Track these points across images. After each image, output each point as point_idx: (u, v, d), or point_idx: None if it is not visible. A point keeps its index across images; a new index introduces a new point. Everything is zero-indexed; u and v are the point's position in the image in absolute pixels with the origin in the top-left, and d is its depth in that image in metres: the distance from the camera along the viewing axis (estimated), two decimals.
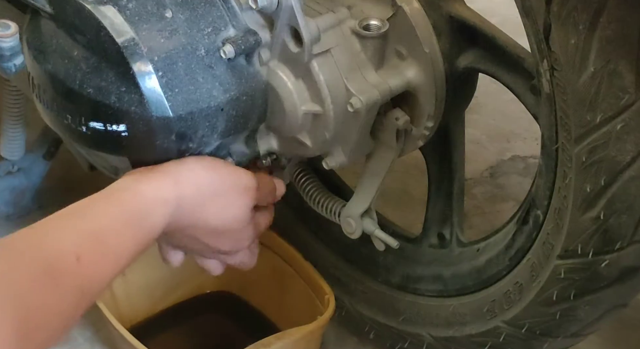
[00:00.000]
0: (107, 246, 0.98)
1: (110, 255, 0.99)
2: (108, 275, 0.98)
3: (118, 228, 1.01)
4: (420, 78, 1.15)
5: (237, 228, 1.13)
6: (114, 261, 0.99)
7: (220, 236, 1.13)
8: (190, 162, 1.10)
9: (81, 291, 0.93)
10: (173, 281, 1.47)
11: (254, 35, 1.12)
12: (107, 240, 0.99)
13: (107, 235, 0.99)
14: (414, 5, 1.13)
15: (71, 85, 1.11)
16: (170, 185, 1.06)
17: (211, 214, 1.10)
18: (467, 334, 1.26)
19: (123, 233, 1.01)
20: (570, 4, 0.94)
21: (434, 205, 1.32)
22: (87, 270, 0.95)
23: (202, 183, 1.09)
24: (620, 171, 0.99)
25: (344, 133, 1.16)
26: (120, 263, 0.99)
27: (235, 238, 1.15)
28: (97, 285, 0.96)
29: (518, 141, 1.84)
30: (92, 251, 0.96)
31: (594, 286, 1.09)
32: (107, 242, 0.99)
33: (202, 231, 1.11)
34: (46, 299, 0.89)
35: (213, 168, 1.11)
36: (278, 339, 1.26)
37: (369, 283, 1.38)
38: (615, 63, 0.94)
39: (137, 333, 1.30)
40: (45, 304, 0.89)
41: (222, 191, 1.10)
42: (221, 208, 1.10)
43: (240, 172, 1.13)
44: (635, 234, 1.03)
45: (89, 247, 0.96)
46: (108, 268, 0.98)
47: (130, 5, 1.09)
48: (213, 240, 1.13)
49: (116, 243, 1.00)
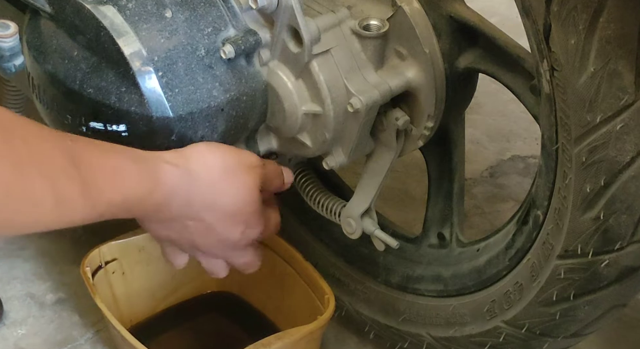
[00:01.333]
0: (106, 153, 0.99)
1: (109, 163, 0.98)
2: (105, 177, 0.97)
3: (121, 154, 1.01)
4: (420, 79, 1.15)
5: (247, 210, 1.13)
6: (112, 171, 0.98)
7: (231, 220, 1.12)
8: (197, 145, 1.11)
9: (74, 162, 0.92)
10: (173, 281, 1.47)
11: (254, 35, 1.12)
12: (108, 152, 0.99)
13: (107, 150, 1.00)
14: (414, 5, 1.13)
15: (71, 85, 1.11)
16: (182, 159, 1.07)
17: (222, 193, 1.10)
18: (467, 334, 1.26)
19: (126, 159, 1.01)
20: (570, 4, 0.94)
21: (434, 205, 1.32)
22: (80, 149, 0.95)
23: (211, 162, 1.09)
24: (620, 171, 0.99)
25: (344, 133, 1.16)
26: (121, 183, 0.99)
27: (245, 223, 1.14)
28: (93, 178, 0.95)
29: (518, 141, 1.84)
30: (87, 145, 0.97)
31: (593, 286, 1.09)
32: (107, 152, 0.99)
33: (216, 215, 1.11)
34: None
35: (219, 148, 1.11)
36: (278, 339, 1.26)
37: (369, 283, 1.38)
38: (615, 63, 0.94)
39: (137, 333, 1.30)
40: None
41: (229, 169, 1.10)
42: (232, 187, 1.10)
43: (244, 151, 1.15)
44: (635, 234, 1.03)
45: (82, 140, 0.97)
46: (105, 172, 0.97)
47: (130, 5, 1.09)
48: (224, 225, 1.12)
49: (117, 160, 1.00)
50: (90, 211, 0.96)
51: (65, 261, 1.55)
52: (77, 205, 0.94)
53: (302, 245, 1.42)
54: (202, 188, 1.08)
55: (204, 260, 1.19)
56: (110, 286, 1.41)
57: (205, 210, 1.10)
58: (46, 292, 1.52)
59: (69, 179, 0.92)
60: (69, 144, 0.94)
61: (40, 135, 0.92)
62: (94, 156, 0.97)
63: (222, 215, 1.11)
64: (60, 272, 1.53)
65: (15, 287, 1.52)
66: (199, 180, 1.07)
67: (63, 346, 1.45)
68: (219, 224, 1.12)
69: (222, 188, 1.10)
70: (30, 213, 0.90)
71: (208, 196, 1.09)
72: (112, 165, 0.99)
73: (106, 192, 0.97)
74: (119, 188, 0.99)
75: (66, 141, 0.95)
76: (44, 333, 1.46)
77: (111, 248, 1.39)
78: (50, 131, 0.96)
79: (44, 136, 0.92)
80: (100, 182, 0.97)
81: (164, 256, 1.21)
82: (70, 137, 0.97)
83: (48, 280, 1.54)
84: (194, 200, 1.08)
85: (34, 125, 0.92)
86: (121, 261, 1.41)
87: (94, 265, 1.38)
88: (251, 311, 1.48)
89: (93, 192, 0.95)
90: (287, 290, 1.42)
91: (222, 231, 1.13)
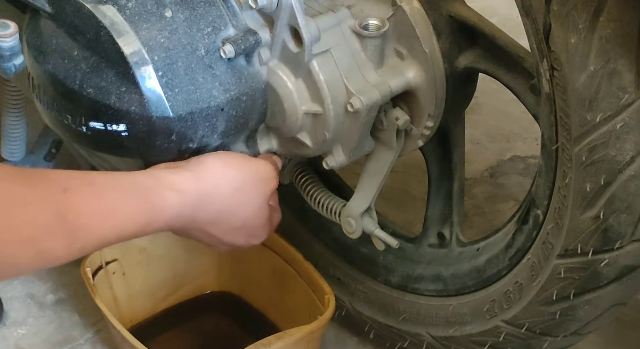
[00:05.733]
0: (102, 194, 0.97)
1: (104, 204, 0.97)
2: (98, 220, 0.96)
3: (120, 189, 1.00)
4: (420, 78, 1.15)
5: (254, 224, 1.13)
6: (107, 212, 0.97)
7: (237, 232, 1.13)
8: (210, 159, 1.10)
9: (62, 218, 0.92)
10: (173, 281, 1.47)
11: (254, 35, 1.12)
12: (104, 192, 0.98)
13: (105, 189, 0.98)
14: (413, 4, 1.13)
15: (71, 85, 1.11)
16: (191, 180, 1.06)
17: (232, 210, 1.10)
18: (467, 333, 1.26)
19: (124, 195, 1.00)
20: (570, 3, 0.94)
21: (434, 204, 1.32)
22: (72, 200, 0.94)
23: (223, 180, 1.09)
24: (620, 170, 0.99)
25: (344, 133, 1.16)
26: (115, 222, 0.98)
27: (251, 235, 1.15)
28: (84, 224, 0.94)
29: (518, 141, 1.84)
30: (82, 189, 0.95)
31: (593, 286, 1.09)
32: (103, 193, 0.98)
33: (221, 229, 1.11)
34: (22, 199, 0.88)
35: (233, 165, 1.11)
36: (278, 339, 1.26)
37: (369, 283, 1.38)
38: (615, 62, 0.94)
39: (137, 334, 1.30)
40: (20, 204, 0.88)
41: (242, 187, 1.10)
42: (242, 204, 1.11)
43: (259, 164, 1.13)
44: (634, 233, 1.03)
45: (79, 186, 0.96)
46: (98, 215, 0.96)
47: (130, 5, 1.09)
48: (229, 236, 1.13)
49: (114, 199, 0.98)
50: (79, 252, 0.96)
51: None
52: (61, 254, 0.94)
53: (302, 245, 1.42)
54: (209, 207, 1.08)
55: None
56: (110, 286, 1.41)
57: (208, 225, 1.10)
58: (46, 292, 1.52)
59: (53, 237, 0.92)
60: (60, 197, 0.93)
61: (25, 197, 0.91)
62: (87, 202, 0.96)
63: (226, 228, 1.12)
64: (61, 272, 1.53)
65: (16, 287, 1.52)
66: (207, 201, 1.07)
67: (63, 346, 1.45)
68: (223, 235, 1.13)
69: (231, 207, 1.10)
70: (8, 271, 0.92)
71: (214, 214, 1.09)
72: (106, 206, 0.98)
73: (97, 234, 0.97)
74: (112, 228, 0.98)
75: (58, 193, 0.93)
76: (44, 333, 1.46)
77: (112, 248, 1.39)
78: (44, 183, 0.94)
79: (31, 197, 0.91)
80: (92, 226, 0.96)
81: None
82: (66, 184, 0.95)
83: (48, 280, 1.54)
84: (199, 216, 1.07)
85: (21, 186, 0.91)
86: (121, 262, 1.41)
87: (95, 266, 1.38)
88: (251, 311, 1.48)
89: (82, 238, 0.95)
90: (287, 290, 1.42)
91: (226, 241, 1.14)
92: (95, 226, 0.96)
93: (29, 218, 0.90)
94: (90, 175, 0.99)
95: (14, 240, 0.89)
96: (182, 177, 1.06)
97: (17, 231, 0.89)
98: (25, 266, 0.92)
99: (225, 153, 1.13)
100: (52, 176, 0.95)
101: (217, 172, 1.09)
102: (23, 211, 0.90)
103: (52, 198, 0.93)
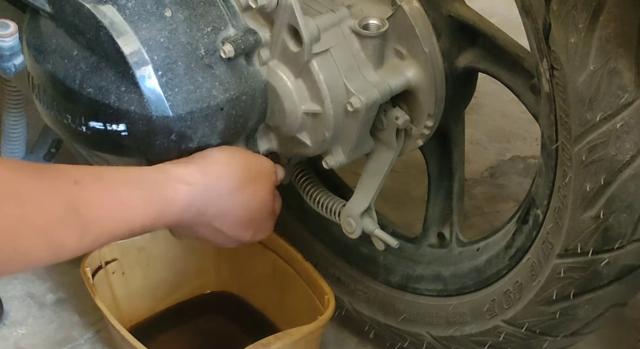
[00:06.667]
0: (113, 187, 0.98)
1: (114, 196, 0.98)
2: (109, 212, 0.97)
3: (130, 182, 1.01)
4: (420, 78, 1.15)
5: (259, 217, 1.15)
6: (118, 205, 0.98)
7: (243, 226, 1.14)
8: (214, 153, 1.11)
9: (74, 209, 0.93)
10: (173, 281, 1.47)
11: (254, 35, 1.12)
12: (115, 185, 0.99)
13: (115, 183, 0.99)
14: (413, 4, 1.13)
15: (71, 85, 1.11)
16: (198, 173, 1.08)
17: (239, 203, 1.11)
18: (467, 333, 1.26)
19: (134, 187, 1.01)
20: (569, 2, 0.94)
21: (434, 204, 1.32)
22: (83, 192, 0.94)
23: (229, 173, 1.10)
24: (620, 170, 0.99)
25: (344, 132, 1.16)
26: (126, 215, 0.99)
27: (257, 229, 1.16)
28: (96, 216, 0.96)
29: (518, 141, 1.84)
30: (93, 182, 0.96)
31: (593, 285, 1.09)
32: (114, 186, 0.99)
33: (228, 223, 1.12)
34: (36, 190, 0.89)
35: (237, 158, 1.12)
36: (278, 339, 1.26)
37: (369, 283, 1.38)
38: (615, 62, 0.94)
39: (137, 333, 1.30)
40: (35, 196, 0.89)
41: (247, 180, 1.12)
42: (248, 196, 1.12)
43: (261, 158, 1.16)
44: (634, 233, 1.03)
45: (90, 179, 0.97)
46: (110, 207, 0.97)
47: (129, 5, 1.09)
48: (236, 230, 1.14)
49: (125, 192, 1.00)
50: (91, 245, 0.97)
51: (65, 261, 1.55)
52: (74, 246, 0.95)
53: (302, 245, 1.42)
54: (217, 200, 1.09)
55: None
56: (110, 286, 1.41)
57: (217, 219, 1.11)
58: (46, 292, 1.52)
59: (66, 227, 0.93)
60: (71, 189, 0.95)
61: (38, 189, 0.92)
62: (98, 194, 0.97)
63: (234, 222, 1.13)
64: (60, 272, 1.53)
65: (15, 287, 1.52)
66: (214, 193, 1.08)
67: (63, 346, 1.45)
68: (231, 230, 1.14)
69: (238, 199, 1.11)
70: (22, 262, 0.92)
71: (222, 206, 1.10)
72: (118, 200, 1.00)
73: (109, 226, 0.98)
74: (125, 220, 1.00)
75: (69, 185, 0.95)
76: (44, 333, 1.46)
77: (111, 248, 1.39)
78: (55, 176, 0.95)
79: (43, 189, 0.92)
80: (104, 219, 0.97)
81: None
82: (76, 177, 0.96)
83: (48, 280, 1.54)
84: (208, 210, 1.09)
85: (33, 179, 0.92)
86: (121, 262, 1.41)
87: (94, 265, 1.38)
88: (251, 311, 1.48)
89: (94, 230, 0.96)
90: (287, 290, 1.42)
91: (232, 235, 1.15)
92: (107, 218, 0.97)
93: (42, 210, 0.91)
94: (99, 170, 1.01)
95: (28, 231, 0.90)
96: (190, 170, 1.08)
97: (31, 222, 0.90)
98: (38, 258, 0.93)
99: (229, 147, 1.14)
100: (63, 169, 0.96)
101: (222, 165, 1.10)
102: (36, 203, 0.91)
103: (64, 190, 0.94)
